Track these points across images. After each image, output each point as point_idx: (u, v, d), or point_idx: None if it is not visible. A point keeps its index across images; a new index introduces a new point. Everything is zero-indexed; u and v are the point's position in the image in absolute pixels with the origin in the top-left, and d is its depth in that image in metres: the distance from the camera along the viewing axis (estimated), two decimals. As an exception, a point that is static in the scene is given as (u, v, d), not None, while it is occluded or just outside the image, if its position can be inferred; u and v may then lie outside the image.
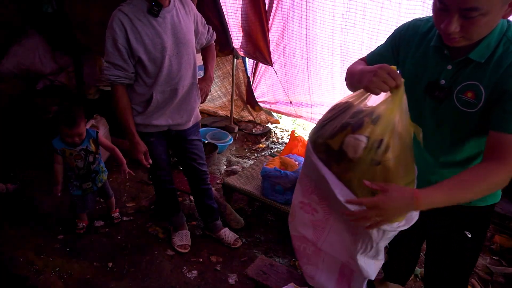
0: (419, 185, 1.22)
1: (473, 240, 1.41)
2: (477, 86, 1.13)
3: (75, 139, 2.31)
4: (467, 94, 1.14)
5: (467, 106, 1.15)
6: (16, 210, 2.79)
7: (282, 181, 2.50)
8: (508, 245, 2.61)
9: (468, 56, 1.13)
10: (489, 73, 1.11)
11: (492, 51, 1.10)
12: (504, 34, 1.10)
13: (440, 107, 1.22)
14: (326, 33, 3.40)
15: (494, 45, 1.10)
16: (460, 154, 1.28)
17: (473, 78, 1.13)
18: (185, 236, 2.56)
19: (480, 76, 1.12)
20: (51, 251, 2.41)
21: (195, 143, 2.28)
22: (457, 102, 1.17)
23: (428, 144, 1.26)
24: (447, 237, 1.47)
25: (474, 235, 1.40)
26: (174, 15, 1.93)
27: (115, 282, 2.22)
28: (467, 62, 1.14)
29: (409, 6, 2.81)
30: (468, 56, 1.13)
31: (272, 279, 1.93)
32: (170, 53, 1.93)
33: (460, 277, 1.55)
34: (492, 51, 1.10)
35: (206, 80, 2.25)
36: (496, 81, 1.09)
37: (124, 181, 3.27)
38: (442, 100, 1.20)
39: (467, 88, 1.14)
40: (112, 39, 1.82)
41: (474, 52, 1.12)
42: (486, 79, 1.11)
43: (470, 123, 1.18)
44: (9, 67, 3.36)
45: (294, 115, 4.52)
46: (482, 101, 1.12)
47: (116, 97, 1.94)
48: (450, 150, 1.28)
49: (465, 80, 1.15)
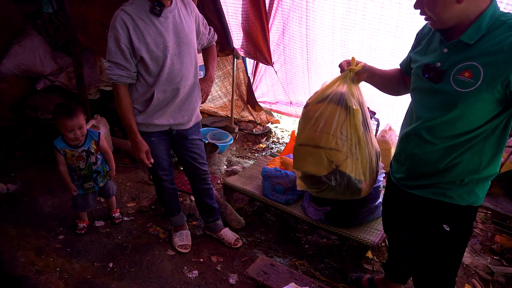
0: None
1: (452, 235, 1.44)
2: (474, 66, 1.20)
3: (77, 132, 2.28)
4: (464, 74, 1.22)
5: (462, 86, 1.23)
6: (17, 210, 2.79)
7: (282, 181, 2.51)
8: (509, 245, 2.61)
9: (460, 38, 1.23)
10: (485, 52, 1.19)
11: (484, 33, 1.19)
12: (496, 17, 1.19)
13: (436, 87, 1.31)
14: (326, 33, 3.40)
15: (485, 27, 1.19)
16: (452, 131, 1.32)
17: (470, 59, 1.21)
18: (185, 236, 2.56)
19: (475, 56, 1.20)
20: (52, 251, 2.41)
21: (196, 142, 2.28)
22: (453, 82, 1.25)
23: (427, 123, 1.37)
24: (425, 228, 1.53)
25: (453, 230, 1.44)
26: (176, 15, 1.93)
27: (115, 282, 2.22)
28: (459, 44, 1.25)
29: (409, 6, 2.81)
30: (460, 38, 1.23)
31: (272, 279, 1.93)
32: (172, 53, 1.93)
33: (441, 272, 1.57)
34: (484, 33, 1.19)
35: (207, 81, 2.26)
36: (494, 62, 1.16)
37: (125, 181, 3.28)
38: (436, 81, 1.30)
39: (465, 69, 1.22)
40: (114, 39, 1.82)
41: (464, 34, 1.22)
42: (483, 58, 1.19)
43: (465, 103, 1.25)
44: (10, 67, 3.36)
45: (295, 115, 4.52)
46: (480, 80, 1.19)
47: (118, 97, 1.95)
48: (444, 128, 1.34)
49: (460, 62, 1.24)
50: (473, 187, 1.37)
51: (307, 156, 1.70)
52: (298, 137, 1.78)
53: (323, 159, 1.64)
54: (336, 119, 1.57)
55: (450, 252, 1.52)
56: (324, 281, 2.27)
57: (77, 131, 2.28)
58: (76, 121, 2.25)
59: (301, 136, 1.75)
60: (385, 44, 3.04)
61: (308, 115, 1.68)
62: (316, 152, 1.65)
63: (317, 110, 1.63)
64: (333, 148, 1.59)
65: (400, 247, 1.89)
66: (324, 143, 1.61)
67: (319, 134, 1.62)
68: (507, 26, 1.16)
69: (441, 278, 1.60)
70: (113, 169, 2.56)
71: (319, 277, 2.31)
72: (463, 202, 1.39)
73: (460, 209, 1.40)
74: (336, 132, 1.58)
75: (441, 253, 1.53)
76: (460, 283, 2.31)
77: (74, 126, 2.25)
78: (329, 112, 1.58)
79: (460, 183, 1.37)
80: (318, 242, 2.64)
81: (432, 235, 1.51)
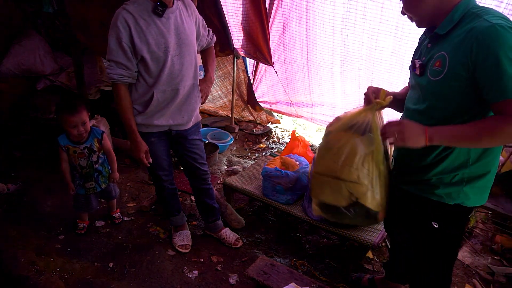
0: None
1: (442, 232, 1.45)
2: (443, 55, 1.27)
3: (80, 128, 2.28)
4: (436, 63, 1.29)
5: (433, 75, 1.30)
6: (17, 210, 2.79)
7: (282, 181, 2.51)
8: (509, 245, 2.60)
9: (435, 31, 1.32)
10: (452, 42, 1.25)
11: (455, 24, 1.26)
12: (469, 9, 1.25)
13: (420, 80, 1.38)
14: (326, 33, 3.40)
15: (456, 18, 1.26)
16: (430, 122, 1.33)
17: (441, 49, 1.29)
18: (186, 236, 2.56)
19: (446, 46, 1.27)
20: (52, 251, 2.41)
21: (196, 142, 2.28)
22: (429, 73, 1.33)
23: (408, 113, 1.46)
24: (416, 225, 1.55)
25: (443, 228, 1.45)
26: (177, 16, 1.93)
27: (116, 282, 2.22)
28: (436, 36, 1.33)
29: (410, 6, 2.81)
30: (435, 31, 1.32)
31: (273, 279, 1.93)
32: (173, 53, 1.93)
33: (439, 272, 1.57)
34: (455, 24, 1.26)
35: (206, 82, 2.26)
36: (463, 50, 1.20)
37: (125, 181, 3.28)
38: (420, 75, 1.37)
39: (437, 59, 1.29)
40: (116, 38, 1.81)
41: (439, 27, 1.30)
42: (450, 47, 1.25)
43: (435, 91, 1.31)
44: (10, 67, 3.36)
45: (295, 115, 4.52)
46: (446, 68, 1.25)
47: (119, 96, 1.94)
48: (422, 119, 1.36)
49: (435, 53, 1.31)
50: (462, 187, 1.37)
51: (326, 186, 1.63)
52: (316, 164, 1.70)
53: (343, 191, 1.58)
54: (360, 153, 1.51)
55: (442, 249, 1.52)
56: (325, 281, 2.26)
57: (81, 127, 2.29)
58: (79, 117, 2.26)
59: (320, 164, 1.67)
60: (385, 44, 3.04)
61: (330, 144, 1.61)
62: (336, 183, 1.59)
63: (339, 141, 1.56)
64: (355, 181, 1.54)
65: (398, 245, 1.90)
66: (346, 176, 1.55)
67: (341, 166, 1.55)
68: (474, 15, 1.22)
69: (438, 277, 1.60)
70: (115, 171, 2.54)
71: (320, 277, 2.31)
72: (450, 201, 1.39)
73: (449, 208, 1.40)
74: (359, 165, 1.52)
75: (435, 250, 1.53)
76: (460, 283, 2.31)
77: (78, 122, 2.26)
78: (352, 144, 1.52)
79: (449, 181, 1.37)
80: (318, 242, 2.64)
81: (423, 232, 1.52)
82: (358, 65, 3.48)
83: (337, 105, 4.03)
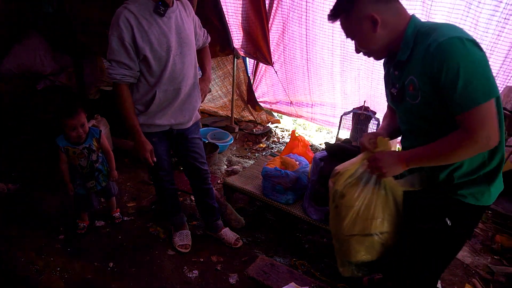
0: None
1: (452, 230, 1.43)
2: (412, 79, 1.29)
3: (79, 131, 2.30)
4: (410, 88, 1.31)
5: (412, 98, 1.32)
6: (17, 210, 2.79)
7: (282, 181, 2.51)
8: (509, 244, 2.61)
9: (397, 59, 1.33)
10: (416, 64, 1.26)
11: (412, 47, 1.28)
12: (418, 30, 1.28)
13: (402, 106, 1.39)
14: (326, 33, 3.40)
15: (411, 42, 1.28)
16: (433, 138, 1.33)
17: (409, 74, 1.30)
18: (186, 236, 2.56)
19: (411, 70, 1.29)
20: (52, 251, 2.41)
21: (196, 141, 2.29)
22: (408, 98, 1.34)
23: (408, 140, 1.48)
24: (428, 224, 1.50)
25: (455, 226, 1.42)
26: (178, 16, 1.93)
27: (116, 282, 2.22)
28: (400, 64, 1.34)
29: (409, 6, 2.82)
30: (397, 59, 1.33)
31: (272, 279, 1.93)
32: (175, 53, 1.93)
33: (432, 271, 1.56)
34: (412, 47, 1.28)
35: (205, 81, 2.27)
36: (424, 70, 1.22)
37: (125, 181, 3.28)
38: (401, 101, 1.38)
39: (409, 83, 1.31)
40: (118, 37, 1.80)
41: (399, 54, 1.32)
42: (414, 70, 1.27)
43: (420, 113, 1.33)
44: (10, 67, 3.36)
45: (295, 115, 4.53)
46: (419, 90, 1.26)
47: (121, 97, 1.92)
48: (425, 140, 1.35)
49: (405, 79, 1.32)
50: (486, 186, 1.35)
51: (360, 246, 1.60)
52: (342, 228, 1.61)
53: (375, 245, 1.57)
54: (380, 203, 1.51)
55: (444, 248, 1.50)
56: (324, 281, 2.26)
57: (80, 129, 2.30)
58: (78, 120, 2.27)
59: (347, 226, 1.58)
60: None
61: (348, 204, 1.56)
62: (367, 240, 1.57)
63: (356, 198, 1.53)
64: (385, 231, 1.54)
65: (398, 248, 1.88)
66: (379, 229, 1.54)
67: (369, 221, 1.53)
68: (425, 34, 1.24)
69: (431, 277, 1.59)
70: (113, 169, 2.56)
71: (319, 277, 2.31)
72: (474, 201, 1.36)
73: (468, 207, 1.38)
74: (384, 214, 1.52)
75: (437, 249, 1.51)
76: (460, 283, 2.31)
77: (77, 125, 2.28)
78: (369, 197, 1.51)
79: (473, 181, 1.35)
80: (318, 242, 2.64)
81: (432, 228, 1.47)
82: (358, 65, 3.48)
83: (337, 105, 4.04)
